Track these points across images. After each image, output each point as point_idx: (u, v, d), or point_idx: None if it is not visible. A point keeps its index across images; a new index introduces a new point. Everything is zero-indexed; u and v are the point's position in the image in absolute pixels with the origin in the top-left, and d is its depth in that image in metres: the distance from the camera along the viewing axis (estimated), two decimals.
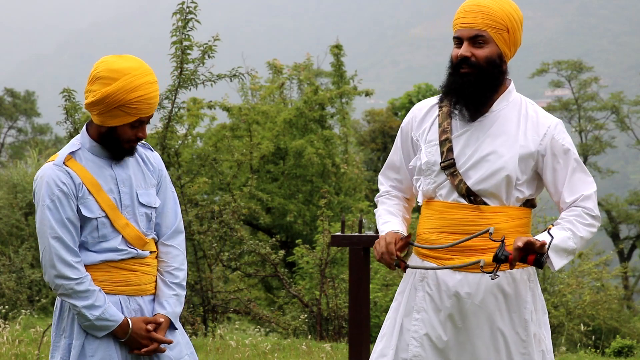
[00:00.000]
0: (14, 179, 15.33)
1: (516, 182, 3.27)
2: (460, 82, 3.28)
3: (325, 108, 16.75)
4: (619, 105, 32.93)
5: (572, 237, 3.21)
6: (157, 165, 3.57)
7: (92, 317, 3.34)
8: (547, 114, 3.38)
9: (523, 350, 3.27)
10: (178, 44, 9.15)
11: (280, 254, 11.61)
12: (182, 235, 3.60)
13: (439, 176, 3.32)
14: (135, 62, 3.40)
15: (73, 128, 9.54)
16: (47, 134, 40.68)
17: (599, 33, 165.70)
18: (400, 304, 3.41)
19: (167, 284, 3.52)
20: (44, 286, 13.81)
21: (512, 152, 3.26)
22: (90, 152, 3.44)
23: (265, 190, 15.85)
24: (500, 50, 3.28)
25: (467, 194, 3.27)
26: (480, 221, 3.26)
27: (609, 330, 12.39)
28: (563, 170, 3.29)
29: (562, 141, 3.30)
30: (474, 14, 3.26)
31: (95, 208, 3.39)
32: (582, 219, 3.24)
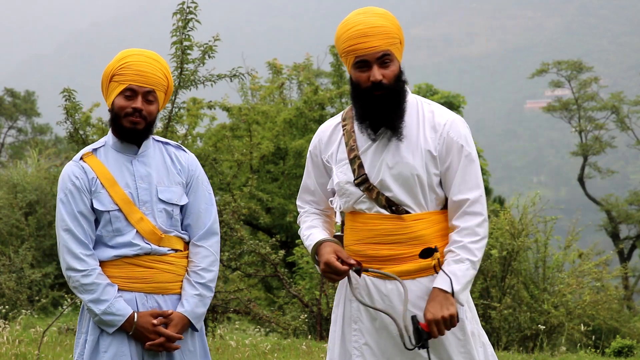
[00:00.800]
0: (14, 179, 15.33)
1: (430, 184, 3.31)
2: (379, 106, 3.30)
3: (325, 108, 16.75)
4: (619, 105, 32.91)
5: (471, 266, 3.26)
6: (187, 165, 3.60)
7: (98, 311, 3.37)
8: (443, 111, 3.39)
9: (462, 350, 3.31)
10: (178, 44, 9.15)
11: (280, 254, 11.61)
12: (216, 237, 3.59)
13: (355, 193, 3.35)
14: (140, 49, 3.54)
15: (73, 128, 9.54)
16: (47, 134, 40.65)
17: (599, 33, 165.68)
18: (338, 316, 3.46)
19: (192, 283, 3.51)
20: (44, 286, 13.82)
21: (418, 157, 3.30)
22: (113, 148, 3.52)
23: (265, 190, 15.85)
24: (399, 62, 3.33)
25: (388, 204, 3.32)
26: (404, 230, 3.31)
27: (609, 330, 12.39)
28: (454, 167, 3.31)
29: (456, 138, 3.32)
30: (375, 36, 3.27)
31: (107, 201, 3.43)
32: (473, 237, 3.27)
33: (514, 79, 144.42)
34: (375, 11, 3.33)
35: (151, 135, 3.57)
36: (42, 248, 14.70)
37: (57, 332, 9.34)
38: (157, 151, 3.58)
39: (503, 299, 10.73)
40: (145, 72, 3.44)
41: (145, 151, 3.53)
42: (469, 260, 3.24)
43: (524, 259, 11.10)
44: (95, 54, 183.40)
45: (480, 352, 3.34)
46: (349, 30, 3.30)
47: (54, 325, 9.36)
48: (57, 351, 7.95)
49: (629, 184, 56.20)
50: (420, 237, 3.30)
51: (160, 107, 3.53)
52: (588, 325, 10.88)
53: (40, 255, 14.62)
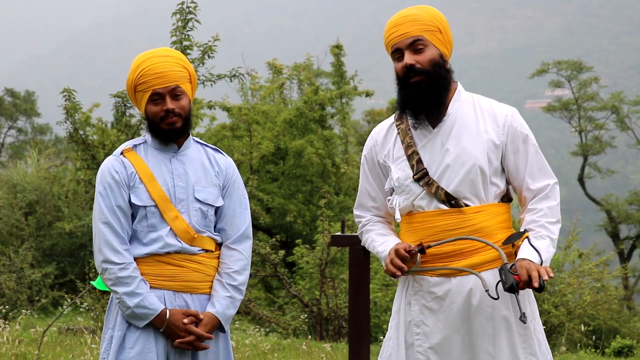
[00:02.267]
0: (14, 179, 15.32)
1: (491, 176, 3.33)
2: (415, 91, 3.32)
3: (325, 108, 16.74)
4: (619, 105, 32.89)
5: (551, 244, 3.29)
6: (225, 168, 3.64)
7: (132, 304, 3.39)
8: (501, 104, 3.44)
9: (524, 345, 3.32)
10: (178, 44, 9.16)
11: (280, 254, 11.60)
12: (249, 241, 3.62)
13: (415, 189, 3.36)
14: (151, 50, 3.56)
15: (73, 128, 9.55)
16: (47, 134, 40.64)
17: (599, 33, 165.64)
18: (399, 322, 3.45)
19: (223, 284, 3.54)
20: (44, 286, 13.81)
21: (479, 148, 3.32)
22: (152, 146, 3.56)
23: (265, 190, 15.84)
24: (440, 50, 3.33)
25: (447, 198, 3.32)
26: (465, 223, 3.31)
27: (609, 330, 12.39)
28: (523, 156, 3.34)
29: (520, 128, 3.36)
30: (405, 24, 3.32)
31: (145, 197, 3.47)
32: (549, 218, 3.31)
33: (514, 79, 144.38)
34: (414, 6, 3.40)
35: (191, 136, 3.62)
36: (42, 248, 14.69)
37: (57, 332, 9.34)
38: (196, 151, 3.61)
39: None
40: (163, 72, 3.47)
41: (185, 150, 3.57)
42: (549, 238, 3.28)
43: None
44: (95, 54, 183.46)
45: (534, 346, 3.35)
46: (387, 24, 3.38)
47: (54, 325, 9.36)
48: (57, 351, 7.95)
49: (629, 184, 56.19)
50: (482, 229, 3.30)
51: (191, 97, 3.56)
52: (588, 325, 10.88)
53: (40, 255, 14.62)
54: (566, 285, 11.04)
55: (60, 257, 14.80)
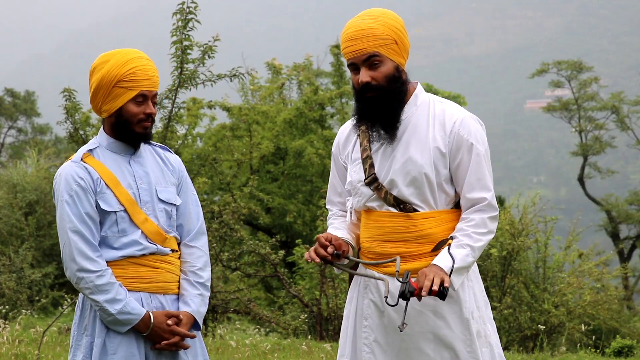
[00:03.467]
0: (14, 179, 15.33)
1: (438, 183, 3.34)
2: (370, 106, 3.35)
3: (325, 108, 16.74)
4: (619, 105, 32.90)
5: (471, 253, 3.28)
6: (177, 166, 3.63)
7: (114, 311, 3.36)
8: (455, 109, 3.40)
9: (468, 349, 3.33)
10: (178, 44, 9.15)
11: (280, 254, 11.61)
12: (205, 237, 3.63)
13: (366, 192, 3.40)
14: (126, 48, 3.52)
15: (73, 128, 9.54)
16: (47, 134, 40.65)
17: (599, 33, 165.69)
18: (350, 312, 3.50)
19: (192, 283, 3.54)
20: (44, 286, 13.81)
21: (425, 155, 3.33)
22: (108, 149, 3.52)
23: (265, 190, 15.84)
24: (396, 62, 3.34)
25: (396, 202, 3.35)
26: (412, 228, 3.34)
27: (609, 330, 12.39)
28: (465, 165, 3.33)
29: (466, 136, 3.33)
30: (361, 39, 3.31)
31: (113, 202, 3.44)
32: (479, 228, 3.30)
33: (514, 79, 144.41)
34: (371, 13, 3.37)
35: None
36: (42, 248, 14.70)
37: (57, 332, 9.34)
38: (148, 152, 3.59)
39: (503, 299, 10.73)
40: (152, 76, 3.47)
41: (140, 152, 3.55)
42: (469, 247, 3.27)
43: (524, 258, 11.10)
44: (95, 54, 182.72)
45: (486, 353, 3.35)
46: (343, 34, 3.37)
47: (54, 325, 9.36)
48: (57, 351, 7.95)
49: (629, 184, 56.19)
50: (429, 235, 3.33)
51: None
52: (588, 325, 10.88)
53: (40, 255, 14.62)
54: (566, 285, 11.04)
55: (60, 257, 14.81)
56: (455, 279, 3.25)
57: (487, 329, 3.39)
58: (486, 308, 3.43)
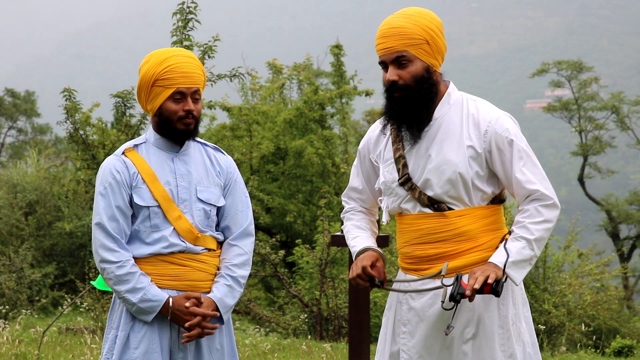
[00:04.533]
0: (14, 179, 15.32)
1: (473, 182, 3.32)
2: (397, 107, 3.35)
3: (325, 108, 16.74)
4: (619, 105, 32.89)
5: (527, 245, 3.24)
6: (226, 167, 3.65)
7: (135, 300, 3.39)
8: (489, 108, 3.39)
9: (502, 347, 3.32)
10: (178, 44, 9.16)
11: (280, 254, 11.61)
12: (251, 238, 3.63)
13: (400, 193, 3.40)
14: (173, 47, 3.56)
15: (73, 128, 9.55)
16: (47, 134, 40.64)
17: (599, 33, 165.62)
18: (389, 319, 3.49)
19: (222, 275, 3.55)
20: (44, 286, 13.81)
21: (460, 155, 3.31)
22: (155, 145, 3.55)
23: (265, 190, 15.84)
24: (426, 63, 3.32)
25: (430, 203, 3.34)
26: (448, 227, 3.33)
27: (609, 330, 12.38)
28: (509, 162, 3.31)
29: (504, 134, 3.31)
30: (391, 37, 3.31)
31: (147, 197, 3.46)
32: (534, 218, 3.26)
33: (514, 79, 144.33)
34: (407, 12, 3.35)
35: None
36: (42, 248, 14.69)
37: (57, 332, 9.34)
38: (197, 151, 3.61)
39: None
40: (189, 73, 3.47)
41: (187, 150, 3.56)
42: (524, 239, 3.23)
43: None
44: (95, 54, 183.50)
45: (519, 350, 3.34)
46: (377, 33, 3.38)
47: (54, 325, 9.36)
48: (57, 351, 7.95)
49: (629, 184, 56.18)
50: (465, 232, 3.32)
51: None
52: (588, 325, 10.88)
53: (40, 255, 14.62)
54: (566, 285, 11.04)
55: (60, 257, 14.80)
56: (514, 273, 3.22)
57: (522, 327, 3.38)
58: (523, 307, 3.41)
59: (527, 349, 3.37)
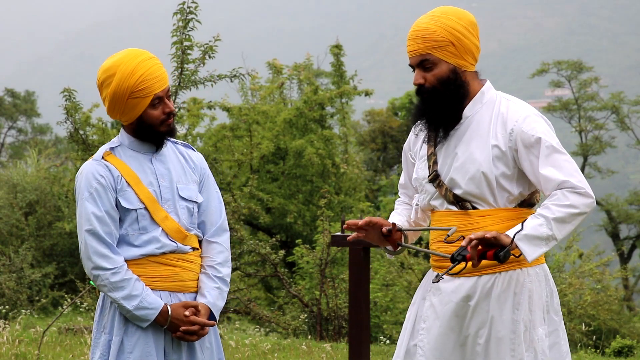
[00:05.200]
0: (14, 179, 15.32)
1: (498, 182, 3.30)
2: (424, 107, 3.36)
3: (325, 108, 16.74)
4: (619, 105, 32.91)
5: (545, 223, 3.15)
6: (199, 163, 3.65)
7: (131, 307, 3.36)
8: (519, 107, 3.34)
9: (512, 353, 3.29)
10: (178, 44, 9.15)
11: (280, 254, 11.60)
12: (227, 233, 3.63)
13: (429, 189, 3.41)
14: (124, 52, 3.51)
15: (73, 128, 9.54)
16: (47, 134, 40.67)
17: (599, 33, 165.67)
18: (411, 314, 3.49)
19: (209, 276, 3.54)
20: (44, 286, 13.82)
21: (485, 154, 3.29)
22: (129, 148, 3.52)
23: (265, 190, 15.84)
24: (452, 64, 3.31)
25: (456, 200, 3.34)
26: (470, 226, 3.31)
27: (609, 330, 12.39)
28: (536, 160, 3.26)
29: (531, 132, 3.26)
30: (415, 40, 3.32)
31: (134, 200, 3.44)
32: (559, 201, 3.17)
33: (514, 79, 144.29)
34: (434, 13, 3.35)
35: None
36: (42, 248, 14.70)
37: (57, 332, 9.34)
38: (170, 150, 3.60)
39: None
40: (160, 75, 3.46)
41: (162, 150, 3.55)
42: (543, 217, 3.15)
43: None
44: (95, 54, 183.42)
45: (529, 358, 3.29)
46: (408, 34, 3.39)
47: (54, 325, 9.36)
48: (57, 351, 7.95)
49: (629, 184, 56.20)
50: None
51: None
52: (589, 325, 10.88)
53: (40, 255, 14.62)
54: (567, 285, 11.04)
55: (60, 257, 14.80)
56: (525, 247, 3.13)
57: (536, 334, 3.32)
58: (543, 312, 3.34)
59: (539, 356, 3.31)
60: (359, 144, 26.04)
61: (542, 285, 3.37)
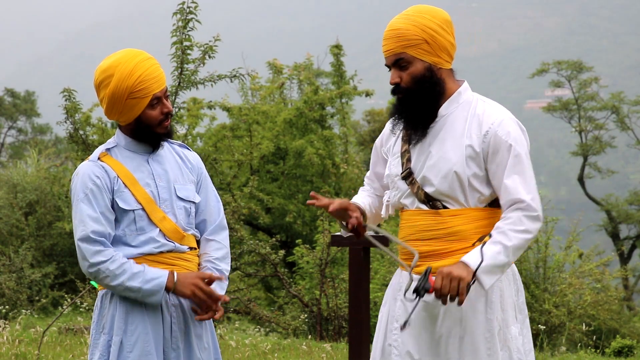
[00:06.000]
0: (14, 179, 15.32)
1: (470, 183, 3.31)
2: (399, 107, 3.38)
3: (325, 108, 16.74)
4: (619, 105, 32.90)
5: (503, 251, 3.21)
6: (195, 163, 3.65)
7: (138, 283, 3.36)
8: (496, 110, 3.36)
9: (488, 352, 3.31)
10: (178, 44, 9.16)
11: (280, 254, 11.61)
12: (226, 231, 3.64)
13: (401, 187, 3.42)
14: (122, 52, 3.49)
15: (73, 128, 9.55)
16: (47, 134, 40.67)
17: (599, 33, 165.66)
18: (383, 315, 3.50)
19: (209, 269, 3.54)
20: (44, 286, 13.82)
21: (458, 154, 3.30)
22: (126, 148, 3.51)
23: (265, 190, 15.84)
24: (427, 62, 3.32)
25: (427, 199, 3.35)
26: (441, 225, 3.33)
27: (609, 330, 12.39)
28: (503, 167, 3.28)
29: (504, 137, 3.29)
30: (390, 39, 3.33)
31: (131, 200, 3.43)
32: (515, 226, 3.23)
33: (514, 79, 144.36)
34: (408, 12, 3.37)
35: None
36: (42, 248, 14.70)
37: (57, 332, 9.34)
38: (166, 150, 3.59)
39: None
40: (159, 75, 3.46)
41: (159, 150, 3.55)
42: (501, 244, 3.20)
43: (525, 259, 11.10)
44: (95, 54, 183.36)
45: (504, 356, 3.33)
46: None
47: (54, 325, 9.36)
48: (57, 351, 7.95)
49: (629, 184, 56.20)
50: (458, 232, 3.31)
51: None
52: (589, 325, 10.88)
53: (40, 255, 14.62)
54: (567, 285, 11.04)
55: (60, 257, 14.80)
56: (484, 278, 3.19)
57: (510, 332, 3.35)
58: (514, 311, 3.38)
59: (514, 354, 3.35)
60: (359, 144, 26.03)
61: (512, 284, 3.41)
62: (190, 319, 3.49)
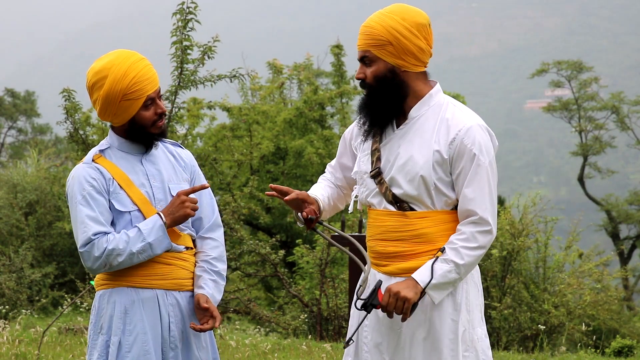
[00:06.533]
0: (14, 179, 15.33)
1: (436, 187, 3.32)
2: (366, 103, 3.42)
3: (325, 108, 16.74)
4: (619, 105, 32.90)
5: (455, 269, 3.26)
6: (188, 161, 3.64)
7: (144, 240, 3.37)
8: (465, 116, 3.35)
9: (452, 353, 3.33)
10: (178, 44, 9.16)
11: (280, 254, 11.61)
12: (221, 229, 3.65)
13: (370, 185, 3.43)
14: (114, 53, 3.49)
15: (73, 128, 9.55)
16: (47, 134, 40.65)
17: (599, 33, 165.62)
18: (354, 312, 3.52)
19: (206, 270, 3.55)
20: (44, 286, 13.82)
21: (426, 157, 3.31)
22: (119, 149, 3.51)
23: (265, 190, 15.84)
24: (391, 63, 3.33)
25: (394, 200, 3.36)
26: (407, 227, 3.35)
27: (609, 330, 12.39)
28: (464, 175, 3.30)
29: (470, 145, 3.29)
30: (361, 35, 3.38)
31: (127, 202, 3.44)
32: (468, 243, 3.26)
33: (514, 79, 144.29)
34: (382, 11, 3.39)
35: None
36: (42, 248, 14.70)
37: (57, 332, 9.34)
38: (159, 149, 3.59)
39: (503, 299, 10.73)
40: (152, 76, 3.46)
41: (152, 150, 3.54)
42: (453, 263, 3.25)
43: (525, 259, 11.10)
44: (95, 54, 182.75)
45: (470, 357, 3.34)
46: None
47: (54, 325, 9.36)
48: (57, 351, 7.96)
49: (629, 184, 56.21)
50: (424, 235, 3.33)
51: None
52: (588, 325, 10.88)
53: (40, 255, 14.62)
54: (566, 285, 11.04)
55: (60, 257, 14.80)
56: (434, 294, 3.26)
57: (476, 334, 3.37)
58: (480, 313, 3.41)
59: (480, 355, 3.36)
60: None
61: (477, 284, 3.43)
62: (188, 318, 3.49)
